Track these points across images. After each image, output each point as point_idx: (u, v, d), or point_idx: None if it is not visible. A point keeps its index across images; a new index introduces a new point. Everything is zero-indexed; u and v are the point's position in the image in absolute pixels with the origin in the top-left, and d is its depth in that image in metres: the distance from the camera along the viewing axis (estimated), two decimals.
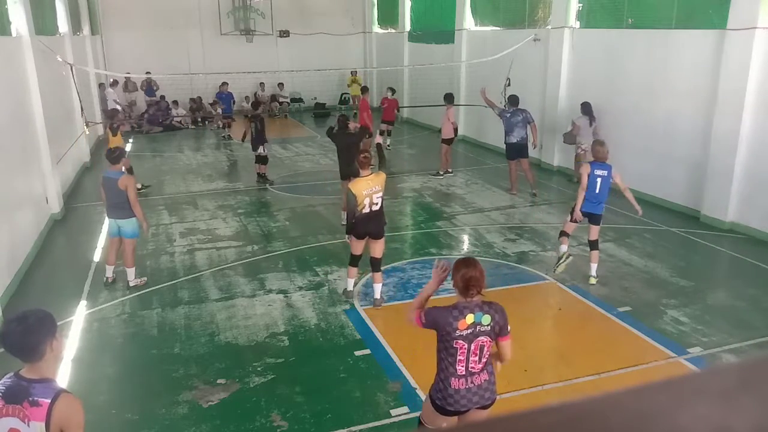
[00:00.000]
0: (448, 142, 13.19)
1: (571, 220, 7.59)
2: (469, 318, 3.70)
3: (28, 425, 2.74)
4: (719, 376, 0.47)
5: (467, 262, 3.83)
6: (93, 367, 5.95)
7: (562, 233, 7.73)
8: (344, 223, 9.20)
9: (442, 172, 13.29)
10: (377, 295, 7.07)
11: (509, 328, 3.86)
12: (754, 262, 8.34)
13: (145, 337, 6.49)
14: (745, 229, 9.45)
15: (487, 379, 3.83)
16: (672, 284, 7.67)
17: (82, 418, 2.83)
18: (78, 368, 5.89)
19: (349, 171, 9.30)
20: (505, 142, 11.73)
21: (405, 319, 3.98)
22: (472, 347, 3.73)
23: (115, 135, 11.73)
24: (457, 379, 3.77)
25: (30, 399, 2.74)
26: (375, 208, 6.77)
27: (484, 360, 3.79)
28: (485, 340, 3.75)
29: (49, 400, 2.74)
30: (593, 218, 7.47)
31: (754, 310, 6.93)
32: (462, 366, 3.76)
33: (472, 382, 3.78)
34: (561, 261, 7.58)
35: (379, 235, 6.91)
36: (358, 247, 7.02)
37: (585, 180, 7.24)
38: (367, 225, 6.81)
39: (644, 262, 8.33)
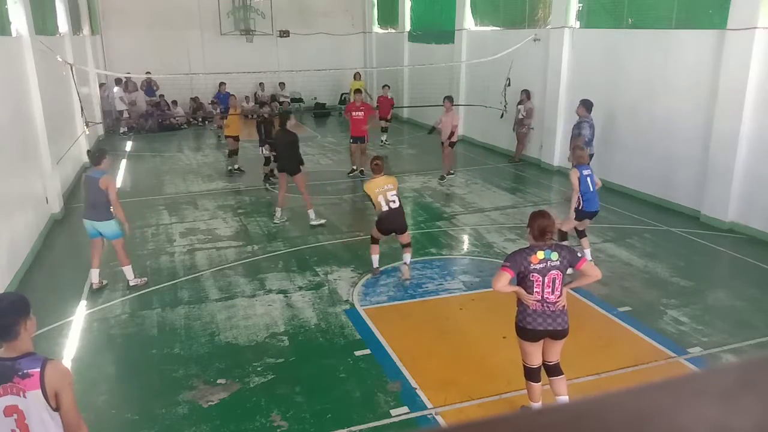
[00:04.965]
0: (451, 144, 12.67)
1: (577, 218, 7.91)
2: (540, 254, 4.50)
3: (25, 396, 2.94)
4: (719, 376, 0.47)
5: (542, 213, 4.65)
6: (93, 367, 5.95)
7: (579, 233, 8.08)
8: (277, 219, 10.18)
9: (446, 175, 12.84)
10: (407, 261, 7.67)
11: (580, 254, 4.68)
12: (754, 262, 8.34)
13: (145, 337, 6.49)
14: (745, 229, 9.45)
15: (561, 310, 4.60)
16: (672, 284, 7.67)
17: (70, 378, 3.14)
18: (78, 368, 5.88)
19: (288, 166, 10.01)
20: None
21: (494, 288, 4.54)
22: (546, 280, 4.51)
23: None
24: (533, 303, 4.56)
25: (19, 373, 2.95)
26: (393, 205, 7.35)
27: (557, 292, 4.55)
28: (556, 273, 4.52)
29: (39, 369, 2.99)
30: (594, 215, 8.04)
31: (754, 310, 6.93)
32: (538, 296, 4.54)
33: (546, 307, 4.56)
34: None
35: (403, 229, 7.54)
36: (381, 237, 7.67)
37: (576, 183, 7.72)
38: (391, 223, 7.43)
39: (644, 262, 8.33)
